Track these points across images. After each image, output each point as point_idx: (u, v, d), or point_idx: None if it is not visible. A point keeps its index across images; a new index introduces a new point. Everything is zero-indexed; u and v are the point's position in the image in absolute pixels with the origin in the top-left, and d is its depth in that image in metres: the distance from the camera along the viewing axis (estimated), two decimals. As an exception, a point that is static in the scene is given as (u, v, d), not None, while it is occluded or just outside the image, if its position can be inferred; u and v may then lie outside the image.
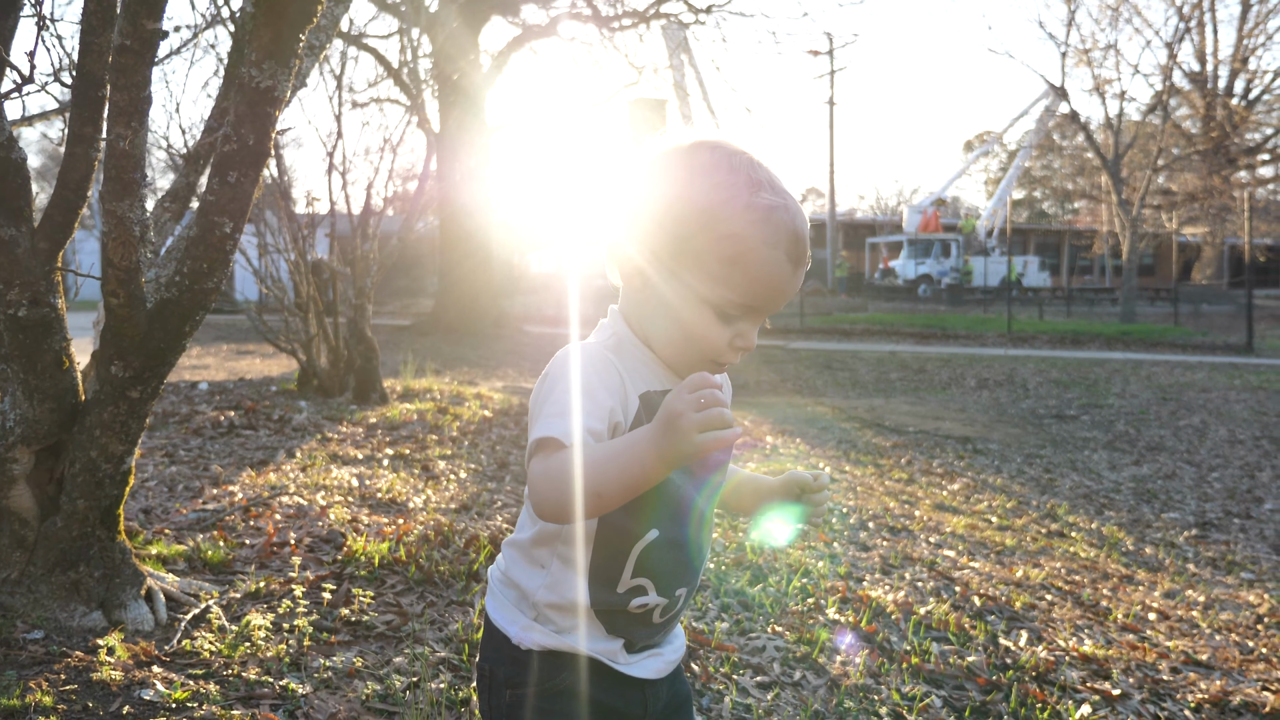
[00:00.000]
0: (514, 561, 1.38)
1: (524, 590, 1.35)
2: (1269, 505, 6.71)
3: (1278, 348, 21.61)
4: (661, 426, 1.11)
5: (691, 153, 1.31)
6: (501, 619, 1.38)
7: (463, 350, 15.20)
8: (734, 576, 3.47)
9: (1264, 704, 2.96)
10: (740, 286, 1.26)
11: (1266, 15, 34.94)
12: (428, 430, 5.58)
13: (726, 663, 2.76)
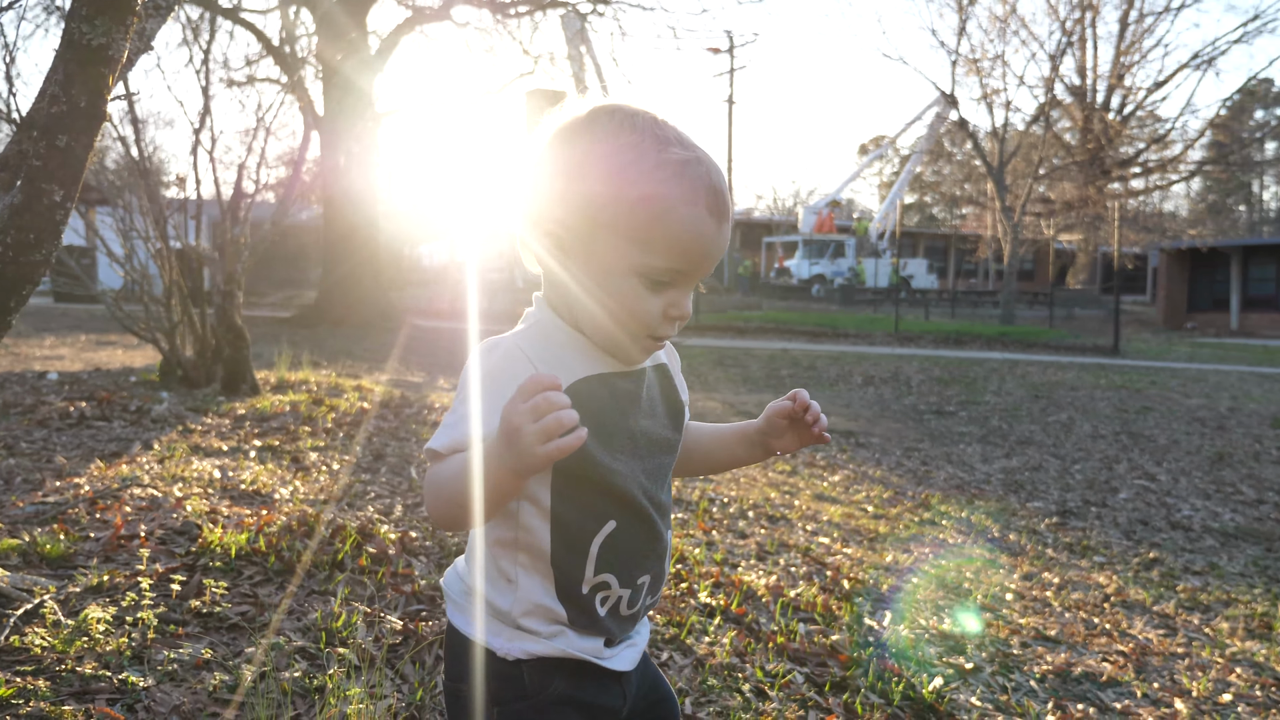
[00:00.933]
0: (479, 577, 1.31)
1: (498, 608, 1.29)
2: (1123, 495, 7.03)
3: (1141, 350, 22.62)
4: (504, 441, 1.07)
5: (591, 119, 1.24)
6: (478, 633, 1.30)
7: (347, 343, 14.92)
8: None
9: (1102, 673, 3.11)
10: (664, 250, 1.19)
11: (1142, 35, 36.52)
12: (300, 422, 5.47)
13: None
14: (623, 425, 1.28)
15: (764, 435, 1.48)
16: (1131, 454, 8.65)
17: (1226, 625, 4.18)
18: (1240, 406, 12.15)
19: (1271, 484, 7.60)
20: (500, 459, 1.09)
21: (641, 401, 1.32)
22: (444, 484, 1.17)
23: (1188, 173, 40.64)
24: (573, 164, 1.22)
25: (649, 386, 1.34)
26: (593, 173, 1.20)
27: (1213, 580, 5.05)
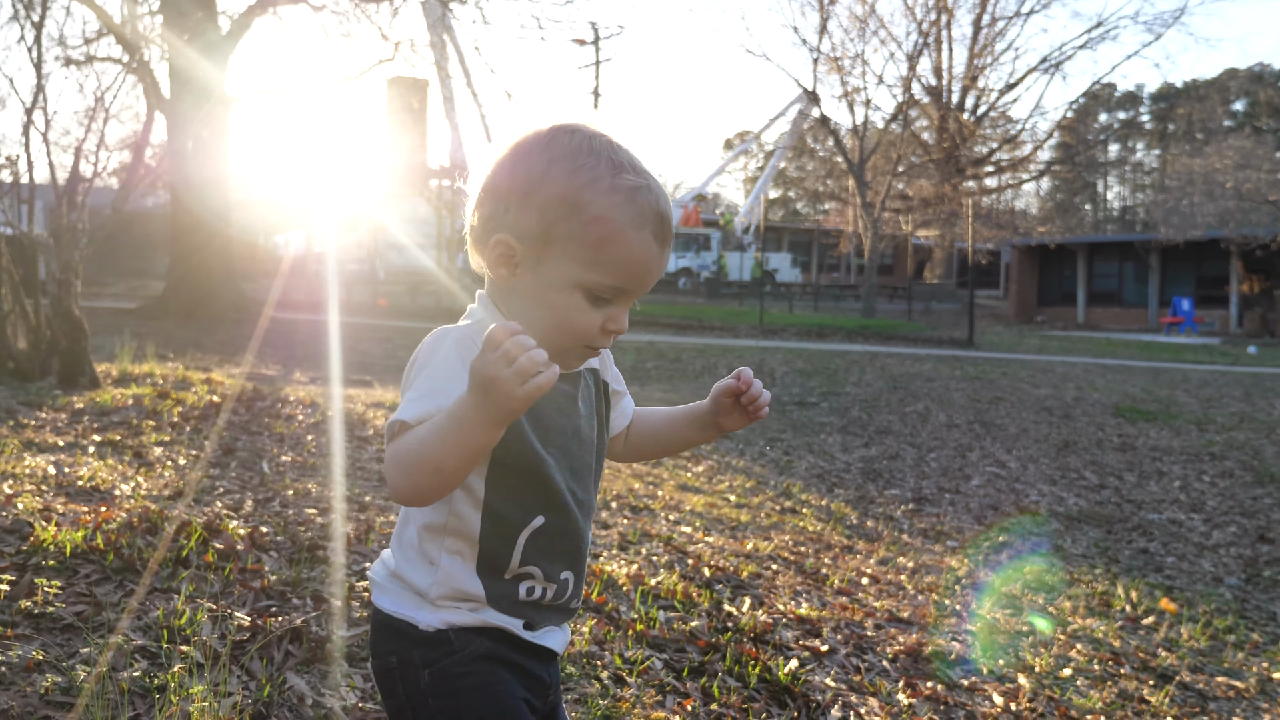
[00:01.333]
0: (403, 560, 1.36)
1: (417, 587, 1.34)
2: (975, 481, 7.29)
3: (994, 343, 23.55)
4: (480, 393, 1.11)
5: (550, 138, 1.30)
6: (402, 610, 1.35)
7: (196, 335, 14.36)
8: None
9: (951, 651, 3.21)
10: (610, 269, 1.26)
11: (993, 38, 37.98)
12: (144, 416, 5.22)
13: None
14: (557, 422, 1.36)
15: (713, 415, 1.52)
16: (984, 442, 8.97)
17: (1069, 604, 4.36)
18: (1085, 396, 12.74)
19: (1112, 470, 7.99)
20: (479, 410, 1.12)
21: (578, 403, 1.40)
22: (415, 449, 1.18)
23: (1037, 172, 42.56)
24: (531, 179, 1.28)
25: (584, 389, 1.42)
26: (549, 190, 1.26)
27: (1057, 561, 5.28)
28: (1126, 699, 3.16)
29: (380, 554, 1.44)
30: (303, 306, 22.43)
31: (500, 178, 1.30)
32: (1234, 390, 14.21)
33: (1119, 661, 3.51)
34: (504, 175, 1.30)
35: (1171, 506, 6.84)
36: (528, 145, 1.30)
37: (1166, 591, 4.89)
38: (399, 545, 1.38)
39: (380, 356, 13.48)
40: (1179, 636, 4.06)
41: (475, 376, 1.11)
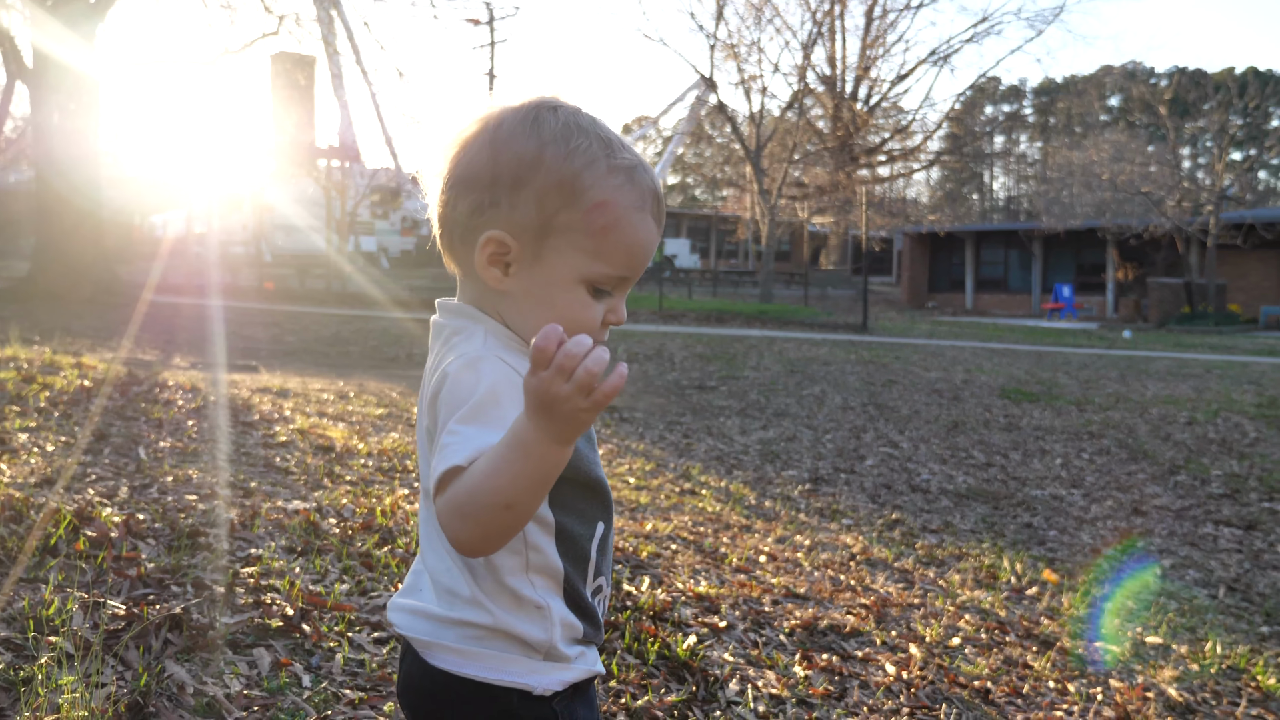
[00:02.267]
0: (503, 609, 1.18)
1: (529, 640, 1.19)
2: (870, 462, 7.43)
3: (888, 328, 24.06)
4: (543, 414, 0.97)
5: (535, 116, 1.17)
6: (507, 676, 1.18)
7: (66, 319, 13.77)
8: (360, 540, 3.35)
9: (846, 625, 3.25)
10: (614, 257, 1.16)
11: (885, 30, 38.71)
12: (7, 401, 4.97)
13: (342, 621, 2.65)
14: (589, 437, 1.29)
15: None
16: (877, 424, 9.15)
17: (958, 577, 4.47)
18: (973, 379, 13.10)
19: (999, 449, 8.22)
20: (544, 432, 0.99)
21: None
22: (477, 491, 1.03)
23: (927, 162, 43.57)
24: (522, 165, 1.15)
25: None
26: (546, 176, 1.15)
27: (947, 537, 5.40)
28: (1011, 665, 3.24)
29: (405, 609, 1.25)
30: (183, 290, 21.71)
31: (479, 165, 1.17)
32: (1110, 372, 14.77)
33: (1004, 630, 3.60)
34: (484, 162, 1.16)
35: (1053, 483, 7.07)
36: (509, 126, 1.17)
37: (1049, 563, 5.04)
38: (490, 593, 1.18)
39: (267, 341, 13.15)
40: (1060, 605, 4.19)
41: (532, 398, 0.98)
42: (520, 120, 1.17)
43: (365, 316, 19.33)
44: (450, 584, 1.20)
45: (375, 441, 5.43)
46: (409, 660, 1.24)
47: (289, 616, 2.58)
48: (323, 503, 3.75)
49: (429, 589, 1.24)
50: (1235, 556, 5.42)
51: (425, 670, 1.21)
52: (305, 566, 3.00)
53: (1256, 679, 3.53)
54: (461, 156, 1.19)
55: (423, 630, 1.22)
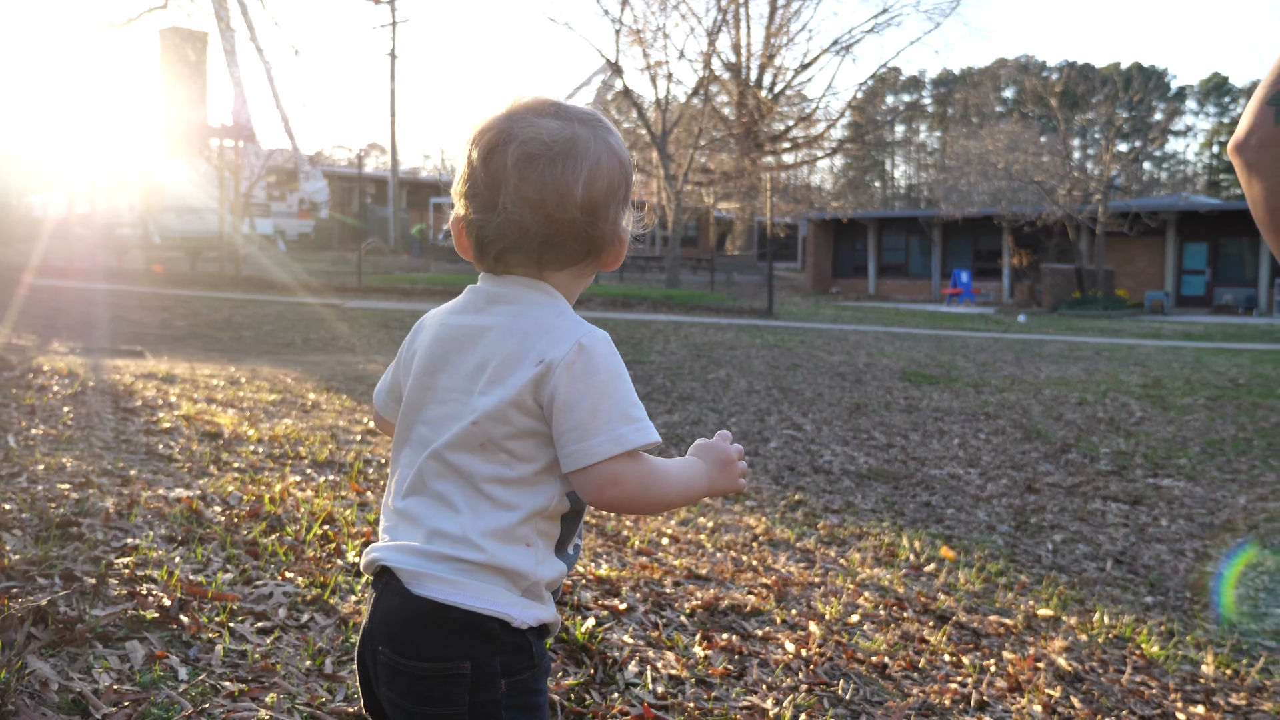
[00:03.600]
0: (497, 546, 1.31)
1: (517, 571, 1.31)
2: (774, 444, 7.47)
3: (792, 313, 24.33)
4: (719, 467, 1.40)
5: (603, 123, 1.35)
6: (492, 605, 1.30)
7: (-59, 304, 13.15)
8: (246, 527, 3.22)
9: (746, 605, 3.24)
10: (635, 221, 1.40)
11: (789, 19, 39.01)
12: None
13: (223, 611, 2.54)
14: None
15: None
16: (782, 407, 9.22)
17: (858, 556, 4.51)
18: (875, 362, 13.31)
19: (899, 430, 8.35)
20: (713, 480, 1.41)
21: None
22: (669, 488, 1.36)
23: (830, 149, 44.06)
24: (610, 155, 1.34)
25: None
26: (623, 161, 1.36)
27: (849, 517, 5.45)
28: (908, 640, 3.27)
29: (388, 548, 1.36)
30: (66, 273, 20.87)
31: (614, 175, 1.35)
32: (1006, 355, 15.15)
33: (902, 606, 3.64)
34: (616, 170, 1.35)
35: (951, 462, 7.20)
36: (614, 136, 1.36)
37: (946, 540, 5.12)
38: (484, 531, 1.31)
39: (155, 326, 12.71)
40: (956, 581, 4.26)
41: (723, 455, 1.42)
42: (610, 131, 1.36)
43: (260, 300, 18.83)
44: (438, 525, 1.32)
45: (266, 428, 5.27)
46: (388, 596, 1.33)
47: (166, 607, 2.47)
48: (207, 490, 3.61)
49: (411, 531, 1.35)
50: (1122, 530, 5.58)
51: (408, 601, 1.31)
52: (186, 556, 2.87)
53: (1141, 647, 3.63)
54: (593, 170, 1.33)
55: (411, 563, 1.32)
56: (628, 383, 1.31)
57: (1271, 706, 3.25)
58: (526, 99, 1.37)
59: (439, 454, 1.34)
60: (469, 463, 1.32)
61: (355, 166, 55.95)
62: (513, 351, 1.32)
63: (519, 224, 1.33)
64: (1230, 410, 10.05)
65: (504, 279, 1.38)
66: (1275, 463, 7.46)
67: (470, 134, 1.37)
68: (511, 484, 1.32)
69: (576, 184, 1.32)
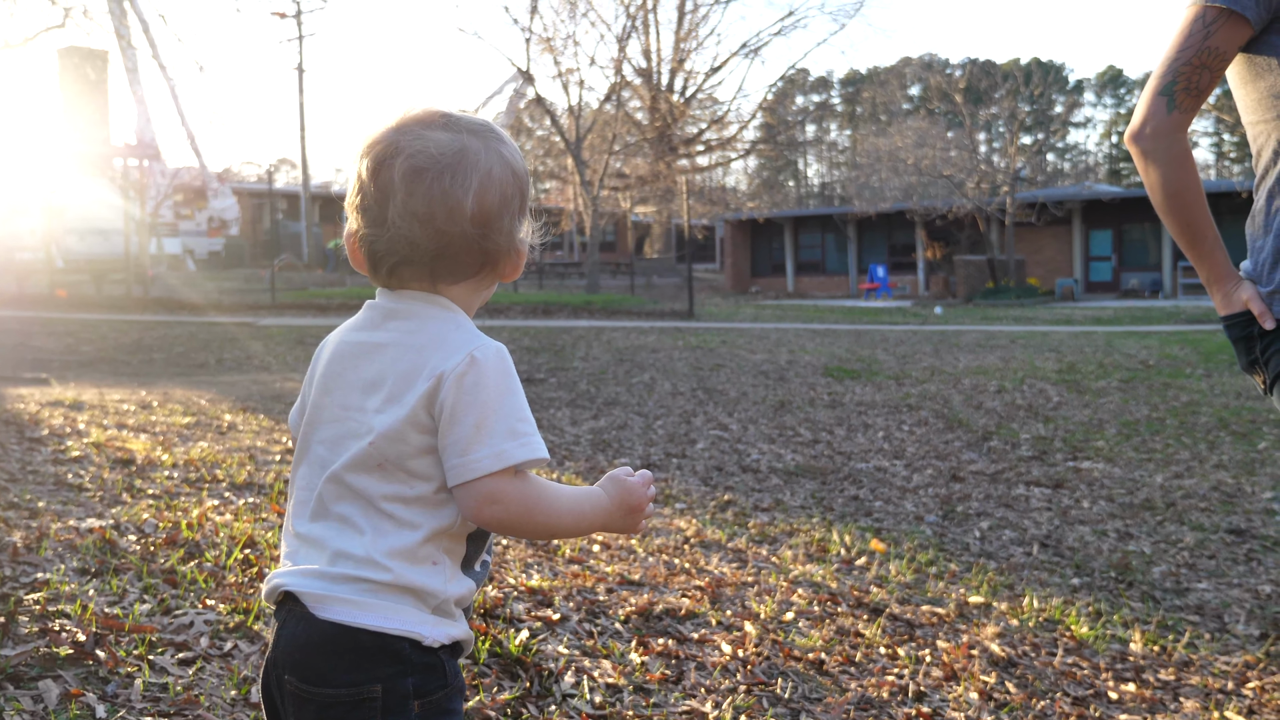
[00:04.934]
0: (402, 566, 1.28)
1: (426, 590, 1.29)
2: (700, 445, 7.48)
3: (713, 313, 24.46)
4: (623, 510, 1.35)
5: (496, 134, 1.34)
6: (401, 625, 1.27)
7: None
8: (163, 556, 3.11)
9: (681, 608, 3.22)
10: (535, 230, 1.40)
11: (697, 23, 39.31)
12: None
13: (142, 644, 2.44)
14: None
15: None
16: (707, 407, 9.23)
17: (790, 553, 4.51)
18: (797, 359, 13.42)
19: (824, 425, 8.42)
20: (609, 517, 1.35)
21: None
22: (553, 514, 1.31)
23: (744, 151, 44.51)
24: (503, 164, 1.33)
25: None
26: (518, 169, 1.35)
27: (779, 515, 5.47)
28: (844, 634, 3.28)
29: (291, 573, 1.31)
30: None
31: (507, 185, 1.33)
32: (925, 347, 15.41)
33: (836, 601, 3.65)
34: (509, 181, 1.33)
35: (877, 455, 7.28)
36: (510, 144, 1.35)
37: (876, 533, 5.16)
38: (387, 551, 1.28)
39: (60, 352, 12.30)
40: (888, 573, 4.29)
41: (629, 496, 1.35)
42: (503, 141, 1.35)
43: (170, 322, 18.35)
44: (342, 546, 1.29)
45: (181, 452, 5.11)
46: (293, 623, 1.29)
47: (80, 643, 2.36)
48: (121, 519, 3.48)
49: (314, 555, 1.31)
50: (1046, 514, 5.68)
51: (314, 626, 1.27)
52: (100, 588, 2.76)
53: (1070, 629, 3.69)
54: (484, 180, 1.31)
55: (316, 586, 1.28)
56: (519, 397, 1.28)
57: (1199, 680, 3.32)
58: (416, 111, 1.34)
59: (337, 476, 1.31)
60: (368, 483, 1.29)
61: (265, 182, 54.87)
62: (408, 368, 1.30)
63: (409, 239, 1.30)
64: (1143, 391, 10.33)
65: (400, 294, 1.36)
66: (1188, 440, 7.69)
67: (360, 147, 1.34)
68: (412, 503, 1.29)
69: (466, 196, 1.30)
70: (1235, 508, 5.75)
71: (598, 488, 1.37)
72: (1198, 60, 2.06)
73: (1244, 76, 2.13)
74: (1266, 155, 2.11)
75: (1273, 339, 2.08)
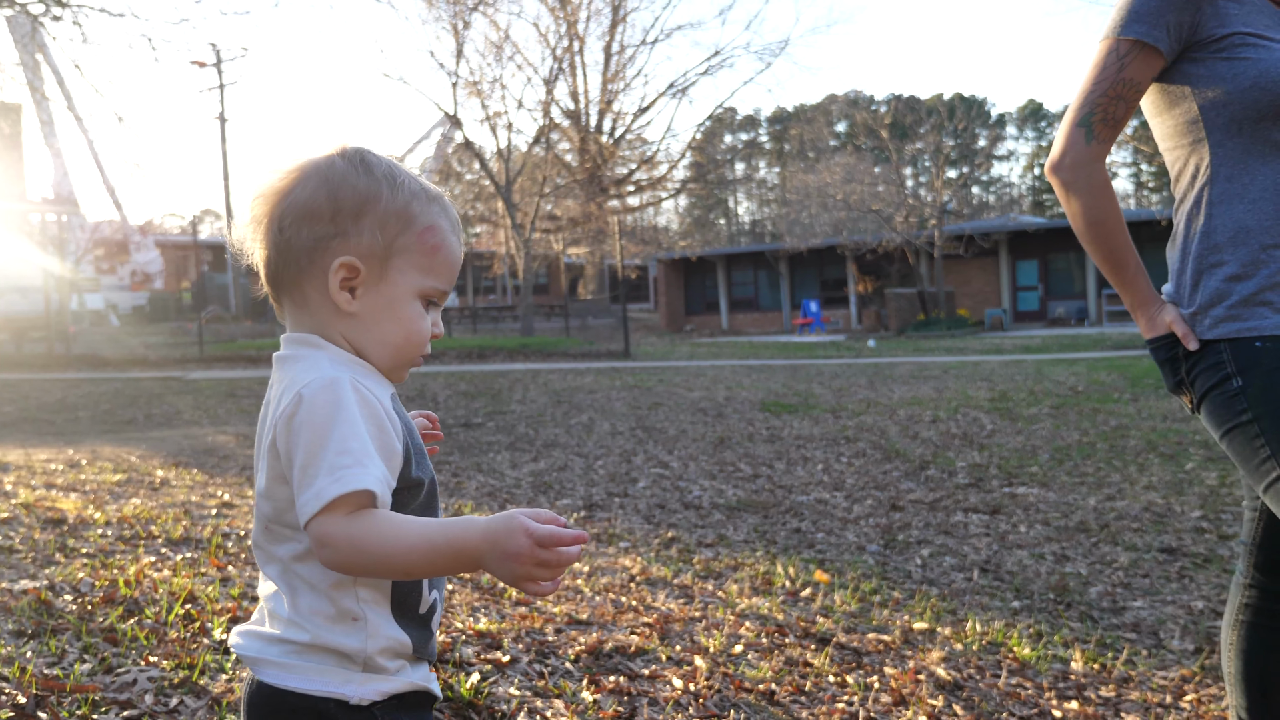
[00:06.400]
0: (320, 626, 1.26)
1: (346, 651, 1.26)
2: (642, 484, 7.49)
3: (649, 352, 24.56)
4: (500, 556, 1.14)
5: (361, 158, 1.33)
6: (324, 686, 1.26)
7: None
8: (102, 614, 3.04)
9: (630, 645, 3.22)
10: (442, 272, 1.34)
11: (624, 65, 39.74)
12: None
13: (85, 704, 2.39)
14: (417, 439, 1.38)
15: None
16: (646, 446, 9.26)
17: (735, 587, 4.54)
18: (735, 395, 13.52)
19: (764, 460, 8.48)
20: (481, 562, 1.16)
21: None
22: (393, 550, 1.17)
23: (674, 190, 44.91)
24: (361, 198, 1.30)
25: None
26: (385, 206, 1.31)
27: (722, 550, 5.49)
28: (792, 664, 3.30)
29: (248, 628, 1.33)
30: None
31: (318, 202, 1.29)
32: (860, 379, 15.62)
33: (783, 632, 3.68)
34: (323, 199, 1.29)
35: (817, 488, 7.35)
36: (340, 168, 1.31)
37: (819, 564, 5.21)
38: (305, 612, 1.27)
39: (-12, 413, 11.96)
40: (833, 603, 4.33)
41: (510, 543, 1.14)
42: (350, 162, 1.32)
43: (95, 379, 17.94)
44: (273, 606, 1.30)
45: (114, 509, 5.00)
46: (247, 681, 1.33)
47: (21, 705, 2.31)
48: (56, 579, 3.40)
49: (260, 612, 1.34)
50: (985, 540, 5.78)
51: (258, 687, 1.30)
52: (38, 649, 2.70)
53: (1013, 650, 3.75)
54: (291, 199, 1.30)
55: (252, 649, 1.30)
56: (347, 427, 1.19)
57: (1139, 695, 3.40)
58: None
59: (255, 539, 1.34)
60: (270, 546, 1.30)
61: (190, 234, 54.06)
62: (265, 421, 1.29)
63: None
64: (1073, 417, 10.57)
65: (284, 338, 1.36)
66: (1118, 463, 7.88)
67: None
68: (306, 559, 1.26)
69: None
70: (1166, 527, 5.90)
71: (482, 520, 1.19)
72: (1113, 91, 2.14)
73: (1159, 105, 2.23)
74: (1185, 180, 2.20)
75: (1197, 359, 2.15)
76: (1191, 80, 2.14)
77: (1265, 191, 2.10)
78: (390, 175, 1.33)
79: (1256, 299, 2.09)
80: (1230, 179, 2.12)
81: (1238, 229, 2.11)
